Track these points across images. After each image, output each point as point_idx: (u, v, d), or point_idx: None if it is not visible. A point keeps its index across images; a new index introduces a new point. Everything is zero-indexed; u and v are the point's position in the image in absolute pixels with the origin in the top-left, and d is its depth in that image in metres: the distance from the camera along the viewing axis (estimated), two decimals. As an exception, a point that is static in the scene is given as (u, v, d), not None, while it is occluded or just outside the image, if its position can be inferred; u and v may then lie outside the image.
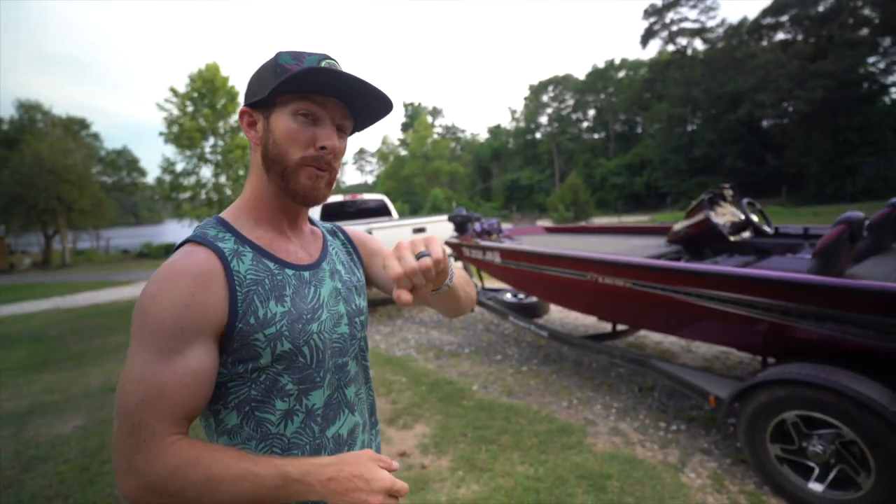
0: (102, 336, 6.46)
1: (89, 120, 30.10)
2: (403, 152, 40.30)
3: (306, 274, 0.75)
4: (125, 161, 32.77)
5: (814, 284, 1.99)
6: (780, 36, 29.97)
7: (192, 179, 22.14)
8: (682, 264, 2.55)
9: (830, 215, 15.89)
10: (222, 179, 22.41)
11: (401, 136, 42.16)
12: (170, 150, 25.22)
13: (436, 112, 53.02)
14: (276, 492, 0.56)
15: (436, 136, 42.66)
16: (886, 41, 25.14)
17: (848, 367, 1.94)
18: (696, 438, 2.70)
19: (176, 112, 21.24)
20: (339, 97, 0.71)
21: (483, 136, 53.85)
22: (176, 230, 26.42)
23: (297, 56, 0.69)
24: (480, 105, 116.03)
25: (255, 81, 0.71)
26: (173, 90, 21.10)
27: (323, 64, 0.68)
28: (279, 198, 0.74)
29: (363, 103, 0.73)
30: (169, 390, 0.58)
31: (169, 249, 25.32)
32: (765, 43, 30.24)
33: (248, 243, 0.70)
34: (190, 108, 21.38)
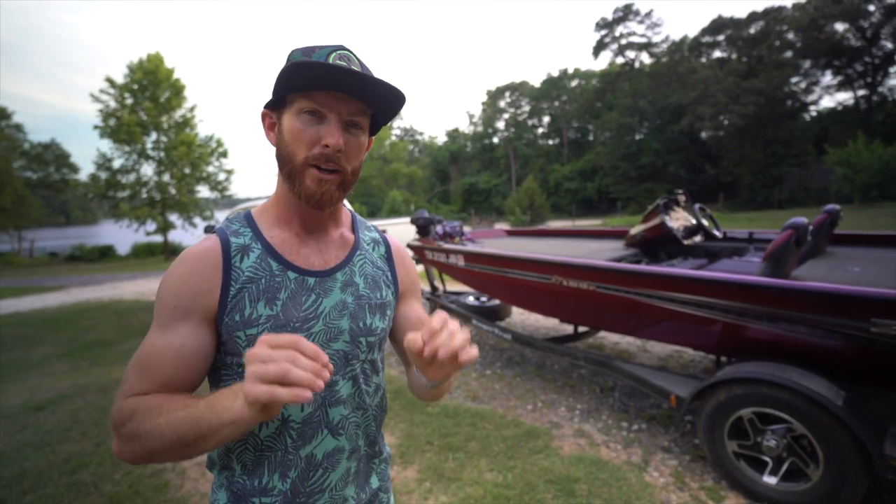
0: (24, 348, 5.82)
1: (10, 109, 27.13)
2: (361, 153, 39.64)
3: (311, 280, 0.72)
4: (53, 155, 30.07)
5: (769, 286, 2.09)
6: (718, 54, 32.31)
7: (132, 177, 20.66)
8: (647, 267, 2.61)
9: (763, 221, 17.23)
10: (166, 178, 21.05)
11: (358, 136, 41.41)
12: (106, 145, 23.34)
13: (394, 114, 52.63)
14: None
15: (394, 138, 42.39)
16: (807, 63, 27.71)
17: (798, 365, 2.05)
18: (657, 437, 2.77)
19: (113, 104, 19.78)
20: (347, 91, 0.65)
21: (441, 139, 54.16)
22: (113, 231, 24.53)
23: (307, 51, 0.67)
24: (439, 108, 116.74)
25: (274, 82, 0.69)
26: (110, 80, 19.64)
27: (332, 57, 0.65)
28: (294, 199, 0.72)
29: (375, 96, 0.67)
30: (153, 360, 0.64)
31: (104, 252, 23.47)
32: (704, 59, 32.45)
33: (260, 240, 0.71)
34: (129, 101, 19.97)
